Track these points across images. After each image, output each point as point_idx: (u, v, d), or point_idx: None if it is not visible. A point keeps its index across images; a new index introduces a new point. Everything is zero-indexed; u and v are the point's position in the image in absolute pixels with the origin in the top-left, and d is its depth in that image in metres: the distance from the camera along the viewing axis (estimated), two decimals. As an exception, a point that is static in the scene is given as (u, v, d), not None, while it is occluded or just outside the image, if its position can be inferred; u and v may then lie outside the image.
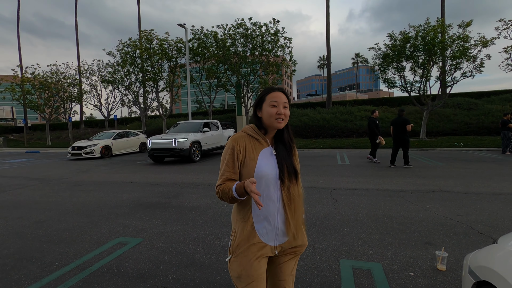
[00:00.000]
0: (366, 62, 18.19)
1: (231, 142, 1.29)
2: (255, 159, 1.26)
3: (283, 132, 1.35)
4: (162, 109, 21.88)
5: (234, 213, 1.38)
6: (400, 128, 7.91)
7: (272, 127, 1.30)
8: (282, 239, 1.31)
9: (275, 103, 1.27)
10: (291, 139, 1.38)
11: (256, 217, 1.28)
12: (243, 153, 1.27)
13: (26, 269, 2.69)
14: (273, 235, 1.29)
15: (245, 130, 1.36)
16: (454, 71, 14.80)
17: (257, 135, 1.31)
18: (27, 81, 23.66)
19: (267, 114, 1.27)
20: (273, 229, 1.28)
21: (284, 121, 1.28)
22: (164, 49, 19.15)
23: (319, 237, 3.23)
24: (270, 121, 1.28)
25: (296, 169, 1.33)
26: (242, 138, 1.30)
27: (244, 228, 1.28)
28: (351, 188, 5.59)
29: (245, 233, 1.27)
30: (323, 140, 17.49)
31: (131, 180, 7.28)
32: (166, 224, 3.83)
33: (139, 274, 2.53)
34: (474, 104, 19.13)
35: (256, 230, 1.27)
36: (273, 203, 1.27)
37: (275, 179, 1.27)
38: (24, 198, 5.66)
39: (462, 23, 14.19)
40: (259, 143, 1.31)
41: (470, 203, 4.35)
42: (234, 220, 1.35)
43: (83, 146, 13.29)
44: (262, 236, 1.27)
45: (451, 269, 2.43)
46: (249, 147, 1.28)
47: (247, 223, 1.28)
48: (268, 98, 1.29)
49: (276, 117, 1.26)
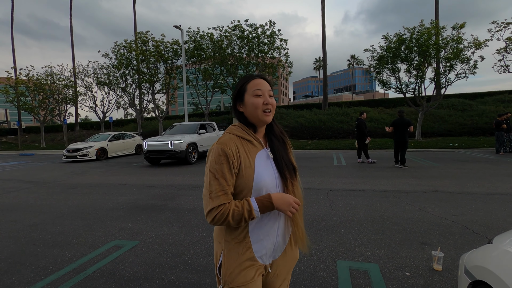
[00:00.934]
0: (361, 64, 18.29)
1: (219, 147, 1.01)
2: (252, 166, 1.02)
3: (272, 125, 1.15)
4: (158, 111, 21.79)
5: (220, 231, 1.10)
6: (402, 129, 7.95)
7: (260, 122, 1.08)
8: (276, 255, 1.12)
9: (260, 91, 1.06)
10: (282, 131, 1.18)
11: (255, 236, 1.05)
12: (237, 160, 1.01)
13: (19, 274, 2.65)
14: (270, 253, 1.10)
15: (231, 131, 1.10)
16: (448, 72, 14.97)
17: (248, 136, 1.08)
18: (21, 83, 23.39)
19: (252, 106, 1.06)
20: (272, 246, 1.09)
21: (271, 112, 1.09)
22: (160, 51, 19.11)
23: (316, 238, 3.23)
24: (256, 114, 1.06)
25: (295, 166, 1.16)
26: (232, 141, 1.04)
27: (237, 251, 1.04)
28: (347, 189, 5.60)
29: (240, 257, 1.04)
30: (319, 141, 17.55)
31: (127, 182, 7.23)
32: (162, 227, 3.80)
33: (135, 277, 2.51)
34: (468, 105, 19.36)
35: (255, 252, 1.05)
36: (273, 216, 1.07)
37: (276, 187, 1.07)
38: (18, 201, 5.59)
39: (456, 25, 14.37)
40: (252, 145, 1.08)
41: (465, 203, 4.38)
42: (222, 240, 1.09)
43: (78, 149, 13.18)
44: (261, 258, 1.07)
45: (447, 269, 2.44)
46: (242, 152, 1.03)
47: (242, 245, 1.04)
48: (250, 87, 1.07)
49: (263, 108, 1.06)
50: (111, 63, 20.90)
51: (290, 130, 19.71)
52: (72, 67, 26.35)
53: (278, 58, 19.81)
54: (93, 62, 22.97)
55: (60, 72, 24.39)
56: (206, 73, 19.01)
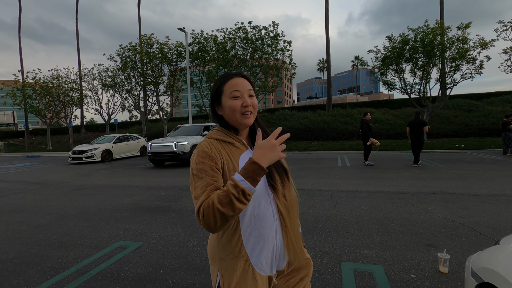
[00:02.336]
0: (365, 65, 18.22)
1: (199, 149, 0.95)
2: (236, 169, 0.93)
3: (255, 126, 1.07)
4: (163, 113, 21.94)
5: (214, 249, 1.01)
6: (418, 130, 8.30)
7: (240, 125, 1.00)
8: (281, 264, 1.03)
9: (237, 92, 0.97)
10: (266, 132, 1.05)
11: (252, 247, 0.96)
12: (221, 161, 0.94)
13: (25, 274, 2.67)
14: (272, 262, 1.00)
15: (210, 135, 1.03)
16: (454, 72, 14.85)
17: (229, 138, 1.00)
18: (28, 86, 23.76)
19: (230, 109, 0.97)
20: (273, 255, 0.99)
21: (252, 114, 0.99)
22: (164, 53, 19.26)
23: (320, 239, 3.21)
24: (235, 118, 0.98)
25: (285, 167, 1.06)
26: (212, 145, 0.97)
27: (235, 266, 0.95)
28: (352, 190, 5.57)
29: (239, 274, 0.94)
30: (323, 143, 17.49)
31: (131, 183, 7.27)
32: (166, 228, 3.81)
33: (139, 278, 2.51)
34: (474, 106, 19.14)
35: (254, 266, 0.96)
36: (269, 222, 0.97)
37: (265, 189, 0.97)
38: (24, 202, 5.65)
39: (461, 25, 14.26)
40: (235, 146, 1.00)
41: (471, 204, 4.32)
42: (216, 258, 1.00)
43: (83, 150, 13.30)
44: (262, 270, 0.97)
45: (454, 271, 2.41)
46: (225, 155, 0.96)
47: (239, 259, 0.95)
48: (226, 88, 0.99)
49: (242, 111, 0.97)
50: (116, 65, 21.13)
51: (294, 131, 19.68)
52: (78, 70, 26.71)
53: (282, 59, 19.83)
54: (99, 65, 23.25)
55: (66, 75, 24.73)
56: (210, 75, 19.09)
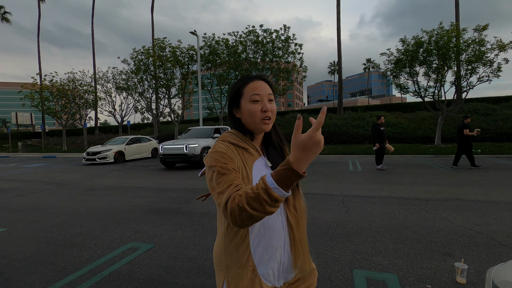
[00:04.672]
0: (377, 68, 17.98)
1: (218, 152, 0.89)
2: (249, 177, 0.91)
3: (271, 132, 1.04)
4: (174, 115, 22.22)
5: (220, 256, 0.99)
6: (459, 133, 8.51)
7: (257, 130, 0.97)
8: (288, 276, 1.00)
9: (257, 96, 0.94)
10: (281, 139, 1.06)
11: (259, 256, 0.93)
12: (237, 165, 0.90)
13: (40, 273, 2.73)
14: (279, 274, 0.97)
15: (225, 138, 0.97)
16: (470, 75, 14.44)
17: (244, 143, 0.97)
18: (45, 88, 24.55)
19: (248, 113, 0.94)
20: (280, 266, 0.96)
21: (271, 120, 0.95)
22: (176, 57, 19.55)
23: (331, 245, 3.16)
24: (254, 123, 0.95)
25: None
26: (229, 149, 0.92)
27: (242, 276, 0.93)
28: (363, 195, 5.47)
29: (246, 283, 0.92)
30: (334, 146, 17.30)
31: (143, 185, 7.37)
32: (177, 230, 3.83)
33: (150, 280, 2.53)
34: (491, 110, 18.56)
35: (261, 276, 0.93)
36: (278, 233, 0.94)
37: None
38: (40, 201, 5.81)
39: (478, 27, 13.88)
40: (249, 153, 0.96)
41: (490, 212, 4.17)
42: (223, 266, 0.97)
43: (97, 152, 13.60)
44: (269, 281, 0.95)
45: (471, 282, 2.32)
46: (239, 161, 0.92)
47: (246, 269, 0.93)
48: (246, 91, 0.95)
49: (262, 116, 0.93)
50: (129, 68, 21.58)
51: (304, 134, 19.52)
52: (93, 73, 27.39)
53: (293, 62, 19.79)
54: (113, 68, 23.82)
55: (81, 78, 25.48)
56: (221, 78, 19.23)
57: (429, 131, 17.83)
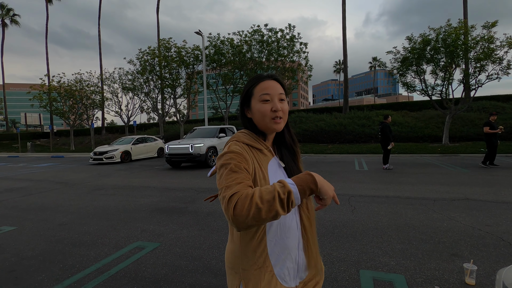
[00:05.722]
0: (384, 66, 17.78)
1: (234, 152, 0.89)
2: (266, 178, 0.91)
3: (284, 132, 1.04)
4: (179, 115, 22.35)
5: (236, 259, 0.97)
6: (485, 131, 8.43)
7: (269, 130, 0.97)
8: (303, 275, 0.99)
9: (268, 96, 0.94)
10: (293, 140, 1.06)
11: (276, 257, 0.93)
12: (252, 168, 0.90)
13: (49, 271, 2.77)
14: (295, 273, 0.97)
15: (239, 138, 0.97)
16: (479, 73, 14.19)
17: (258, 144, 0.96)
18: (53, 89, 24.91)
19: (259, 113, 0.94)
20: (295, 266, 0.97)
21: (282, 119, 0.96)
22: (181, 57, 19.64)
23: (337, 245, 3.14)
24: (264, 122, 0.95)
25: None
26: (244, 149, 0.92)
27: (259, 278, 0.92)
28: (370, 195, 5.42)
29: (264, 285, 0.91)
30: (340, 146, 17.19)
31: (149, 184, 7.43)
32: (182, 229, 3.85)
33: (156, 279, 2.55)
34: (501, 108, 18.21)
35: (277, 276, 0.93)
36: (293, 232, 0.95)
37: None
38: (49, 201, 5.90)
39: (487, 23, 13.63)
40: (262, 153, 0.96)
41: (499, 212, 4.09)
42: (239, 269, 0.96)
43: (104, 151, 13.75)
44: (285, 281, 0.95)
45: (481, 284, 2.28)
46: (255, 162, 0.92)
47: (263, 270, 0.92)
48: (257, 91, 0.96)
49: (272, 116, 0.94)
50: (135, 69, 21.77)
51: (310, 134, 19.48)
52: (100, 73, 27.70)
53: (298, 61, 19.73)
54: (119, 69, 24.08)
55: (88, 79, 25.79)
56: (226, 78, 19.27)
57: (436, 130, 17.58)
